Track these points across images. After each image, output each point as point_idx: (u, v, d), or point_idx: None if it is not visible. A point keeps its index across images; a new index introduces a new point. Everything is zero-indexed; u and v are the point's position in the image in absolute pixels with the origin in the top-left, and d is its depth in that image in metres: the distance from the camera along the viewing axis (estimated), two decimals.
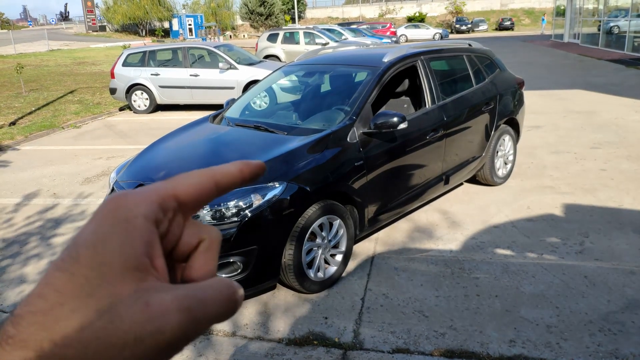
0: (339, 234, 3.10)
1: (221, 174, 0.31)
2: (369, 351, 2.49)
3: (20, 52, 25.57)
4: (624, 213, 3.99)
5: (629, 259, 3.26)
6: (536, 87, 10.26)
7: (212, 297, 0.28)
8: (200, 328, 0.27)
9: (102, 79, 14.64)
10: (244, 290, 0.30)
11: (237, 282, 0.30)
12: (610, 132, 6.43)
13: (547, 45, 22.79)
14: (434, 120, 3.78)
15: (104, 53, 25.22)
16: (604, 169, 5.05)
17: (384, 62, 3.68)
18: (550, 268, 3.18)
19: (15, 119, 9.05)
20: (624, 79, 11.07)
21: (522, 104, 4.98)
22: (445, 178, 4.01)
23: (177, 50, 9.55)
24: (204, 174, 0.31)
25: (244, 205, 2.65)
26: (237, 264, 2.67)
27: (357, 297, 2.97)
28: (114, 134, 7.99)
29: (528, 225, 3.84)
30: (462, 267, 3.25)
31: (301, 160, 2.94)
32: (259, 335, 2.67)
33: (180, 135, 3.74)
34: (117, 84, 9.60)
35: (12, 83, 13.82)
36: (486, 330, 2.60)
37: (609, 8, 19.45)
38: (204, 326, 0.27)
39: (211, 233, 0.31)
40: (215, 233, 0.32)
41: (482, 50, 4.78)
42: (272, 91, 4.53)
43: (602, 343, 2.45)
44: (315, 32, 15.49)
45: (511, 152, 4.84)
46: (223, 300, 0.28)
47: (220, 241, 0.32)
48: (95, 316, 0.24)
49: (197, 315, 0.26)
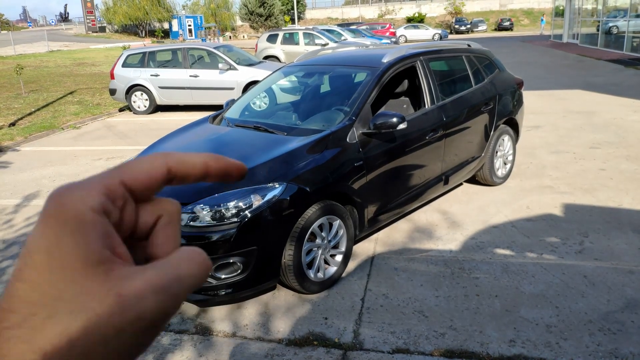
0: (339, 234, 3.11)
1: (176, 162, 0.30)
2: (368, 351, 2.50)
3: (19, 53, 25.57)
4: (623, 213, 3.99)
5: (628, 258, 3.26)
6: (535, 88, 10.27)
7: (185, 269, 0.27)
8: (179, 301, 0.27)
9: (101, 80, 14.64)
10: (244, 291, 0.30)
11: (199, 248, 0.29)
12: (610, 132, 6.44)
13: (546, 46, 22.81)
14: (433, 121, 3.79)
15: (104, 54, 25.23)
16: (603, 168, 5.06)
17: (384, 63, 3.68)
18: (550, 268, 3.19)
19: (15, 120, 9.05)
20: (623, 79, 11.08)
21: (521, 104, 4.98)
22: (444, 178, 4.02)
23: (176, 51, 9.56)
24: (157, 159, 0.30)
25: (243, 206, 2.66)
26: (237, 265, 2.67)
27: (357, 297, 2.98)
28: (114, 135, 7.99)
29: (527, 225, 3.84)
30: (462, 267, 3.25)
31: (301, 160, 2.94)
32: (259, 336, 2.67)
33: (180, 135, 3.74)
34: (117, 85, 9.60)
35: (11, 84, 13.83)
36: (486, 330, 2.60)
37: (608, 8, 19.48)
38: (183, 298, 0.27)
39: (167, 206, 0.31)
40: (171, 205, 0.31)
41: (481, 51, 4.78)
42: (272, 92, 4.53)
43: (601, 342, 2.46)
44: (315, 32, 15.50)
45: (510, 152, 4.84)
46: (196, 268, 0.28)
47: (180, 211, 0.31)
48: (70, 319, 0.23)
49: (173, 291, 0.26)
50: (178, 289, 0.26)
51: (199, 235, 2.63)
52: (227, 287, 2.68)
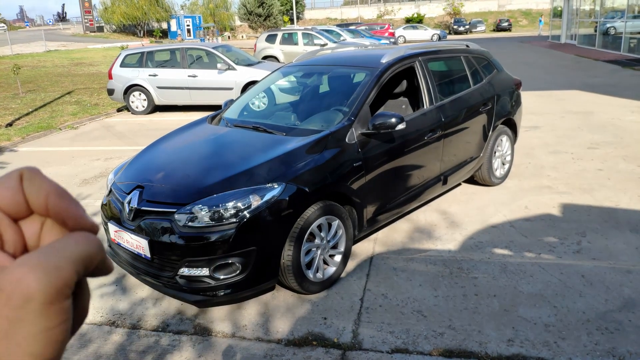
0: (338, 234, 3.11)
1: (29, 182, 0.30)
2: (367, 351, 2.50)
3: (17, 52, 25.49)
4: (621, 213, 4.00)
5: (626, 258, 3.27)
6: (533, 88, 10.29)
7: (64, 243, 0.27)
8: (64, 274, 0.26)
9: (99, 80, 14.61)
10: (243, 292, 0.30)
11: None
12: (607, 133, 6.46)
13: (544, 46, 22.86)
14: (432, 121, 3.80)
15: (102, 54, 25.17)
16: (601, 169, 5.07)
17: (382, 63, 3.69)
18: (548, 267, 3.20)
19: (12, 120, 9.02)
20: (621, 80, 11.11)
21: (519, 104, 5.00)
22: (443, 178, 4.02)
23: (175, 51, 9.55)
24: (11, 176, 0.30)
25: (242, 206, 2.66)
26: (235, 265, 2.67)
27: (356, 297, 2.98)
28: (112, 135, 7.97)
29: (526, 225, 3.85)
30: (461, 267, 3.26)
31: (300, 161, 2.94)
32: (258, 336, 2.67)
33: (178, 136, 3.74)
34: (115, 85, 9.58)
35: (9, 84, 13.78)
36: (484, 330, 2.61)
37: (606, 9, 19.53)
38: (68, 270, 0.26)
39: (47, 209, 0.30)
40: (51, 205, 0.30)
41: (480, 51, 4.79)
42: (271, 92, 4.53)
43: (599, 342, 2.47)
44: (314, 33, 15.50)
45: (509, 152, 4.85)
46: (78, 241, 0.28)
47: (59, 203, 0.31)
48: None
49: (55, 263, 0.26)
50: (59, 261, 0.26)
51: (197, 235, 2.63)
52: (226, 288, 2.68)
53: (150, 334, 2.75)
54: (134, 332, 2.78)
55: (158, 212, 2.75)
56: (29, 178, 0.30)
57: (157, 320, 2.87)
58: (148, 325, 2.83)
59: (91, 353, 2.59)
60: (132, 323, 2.85)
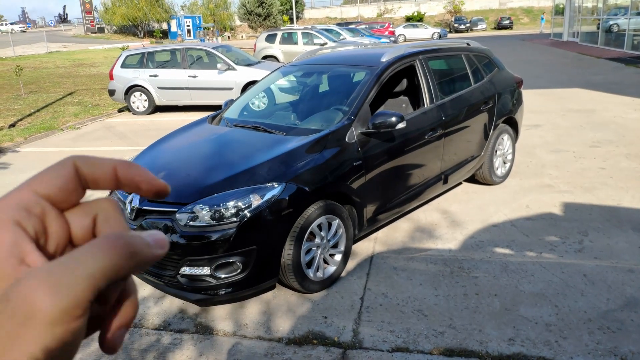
0: (338, 233, 3.11)
1: (85, 164, 0.29)
2: (368, 350, 2.50)
3: (19, 54, 25.55)
4: (623, 211, 3.99)
5: (628, 257, 3.26)
6: (535, 86, 10.27)
7: (85, 253, 0.25)
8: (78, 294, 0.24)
9: (101, 81, 14.64)
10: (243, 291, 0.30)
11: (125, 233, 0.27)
12: (610, 131, 6.44)
13: (546, 44, 22.80)
14: (432, 120, 3.79)
15: (103, 55, 25.22)
16: (603, 167, 5.06)
17: (382, 62, 3.68)
18: (550, 267, 3.19)
19: (15, 121, 9.05)
20: (623, 78, 11.07)
21: (520, 103, 4.98)
22: (444, 177, 4.02)
23: (175, 52, 9.56)
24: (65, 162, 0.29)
25: (243, 206, 2.66)
26: (236, 264, 2.67)
27: (357, 296, 2.98)
28: (113, 136, 7.99)
29: (527, 224, 3.84)
30: (461, 266, 3.25)
31: (300, 160, 2.94)
32: (258, 335, 2.68)
33: (179, 136, 3.74)
34: (116, 86, 9.60)
35: (11, 85, 13.82)
36: (485, 329, 2.60)
37: (608, 6, 19.46)
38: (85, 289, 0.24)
39: (103, 204, 0.30)
40: (106, 203, 0.30)
41: (481, 50, 4.78)
42: (271, 92, 4.53)
43: (601, 341, 2.46)
44: (314, 32, 15.50)
45: (510, 151, 4.84)
46: (103, 251, 0.25)
47: (116, 206, 0.31)
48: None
49: (68, 280, 0.24)
50: (70, 279, 0.24)
51: (198, 235, 2.63)
52: (227, 287, 2.69)
53: (152, 332, 2.76)
54: (135, 330, 2.79)
55: (159, 211, 2.76)
56: (86, 160, 0.30)
57: (159, 318, 2.88)
58: (150, 323, 2.84)
59: (93, 352, 2.59)
60: (134, 322, 2.86)
